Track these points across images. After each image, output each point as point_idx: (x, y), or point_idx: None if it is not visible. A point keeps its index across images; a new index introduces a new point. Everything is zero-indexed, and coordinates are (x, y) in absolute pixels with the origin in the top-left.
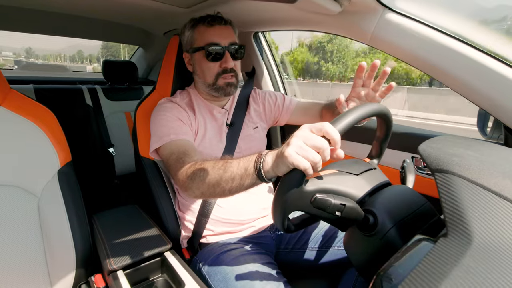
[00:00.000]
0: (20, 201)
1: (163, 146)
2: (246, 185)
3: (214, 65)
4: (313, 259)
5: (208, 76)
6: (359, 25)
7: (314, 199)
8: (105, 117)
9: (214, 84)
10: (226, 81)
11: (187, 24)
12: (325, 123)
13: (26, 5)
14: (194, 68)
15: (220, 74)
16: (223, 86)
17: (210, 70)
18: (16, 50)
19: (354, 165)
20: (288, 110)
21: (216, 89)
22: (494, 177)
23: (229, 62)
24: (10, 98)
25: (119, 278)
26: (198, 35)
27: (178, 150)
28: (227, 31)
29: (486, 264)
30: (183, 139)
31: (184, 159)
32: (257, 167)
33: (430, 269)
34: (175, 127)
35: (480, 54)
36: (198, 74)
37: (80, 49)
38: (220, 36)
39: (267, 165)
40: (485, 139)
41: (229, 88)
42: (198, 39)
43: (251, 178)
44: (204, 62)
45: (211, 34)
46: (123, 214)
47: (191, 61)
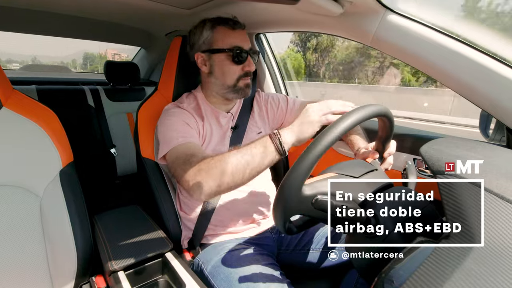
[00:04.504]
0: (22, 201)
1: (170, 151)
2: (266, 164)
3: (237, 67)
4: (314, 260)
5: (229, 78)
6: (360, 26)
7: (315, 201)
8: (107, 117)
9: (235, 86)
10: (246, 82)
11: (205, 23)
12: (328, 100)
13: (28, 6)
14: (212, 69)
15: (242, 77)
16: (243, 88)
17: (233, 72)
18: (23, 57)
19: (354, 167)
20: (293, 112)
21: (236, 90)
22: (496, 179)
23: (252, 66)
24: (12, 99)
25: (120, 279)
26: (219, 36)
27: (186, 153)
28: (246, 36)
29: (488, 266)
30: (191, 142)
31: (191, 159)
32: (276, 142)
33: (432, 271)
34: (182, 130)
35: (482, 55)
36: (216, 76)
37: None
38: (242, 40)
39: (287, 136)
40: (487, 141)
41: (247, 89)
42: (219, 40)
43: (271, 154)
44: (228, 64)
45: (235, 37)
46: (125, 214)
47: (207, 62)
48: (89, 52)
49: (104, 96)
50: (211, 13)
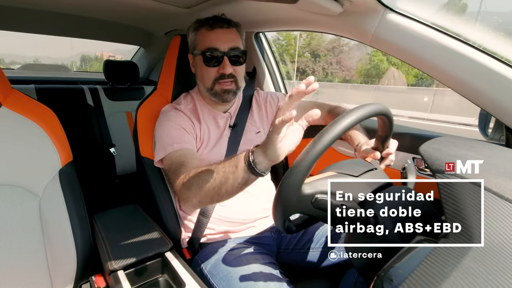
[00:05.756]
0: (21, 200)
1: (166, 157)
2: (239, 183)
3: (212, 70)
4: (313, 259)
5: (206, 80)
6: (360, 25)
7: (314, 200)
8: (106, 117)
9: (211, 89)
10: (223, 87)
11: (191, 25)
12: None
13: (28, 5)
14: (196, 71)
15: (218, 79)
16: (220, 93)
17: (207, 74)
18: (25, 59)
19: (354, 166)
20: None
21: (214, 94)
22: (495, 178)
23: (227, 68)
24: (11, 98)
25: (120, 278)
26: (200, 38)
27: (177, 161)
28: (229, 35)
29: (487, 265)
30: (184, 148)
31: (180, 170)
32: (247, 161)
33: (431, 270)
34: (178, 135)
35: (481, 54)
36: (198, 78)
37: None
38: (219, 40)
39: (258, 156)
40: (486, 140)
41: (226, 95)
42: (200, 42)
43: (243, 174)
44: (202, 67)
45: (211, 38)
46: (124, 214)
47: (193, 64)
48: (86, 54)
49: (103, 95)
50: (209, 12)
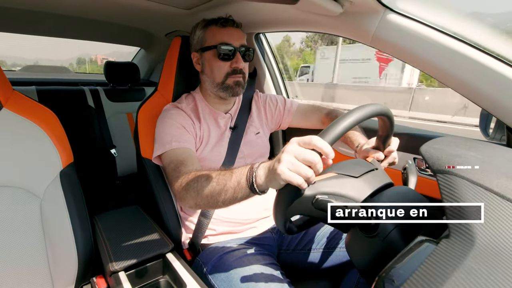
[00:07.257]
0: (22, 202)
1: (164, 154)
2: (239, 198)
3: (224, 64)
4: (314, 260)
5: (217, 75)
6: (360, 26)
7: (315, 200)
8: (107, 118)
9: (223, 83)
10: (236, 79)
11: (198, 24)
12: (313, 137)
13: (29, 7)
14: (203, 67)
15: (230, 74)
16: (232, 85)
17: (220, 69)
18: (26, 61)
19: (354, 166)
20: (290, 113)
21: (225, 88)
22: (496, 178)
23: (240, 63)
24: (13, 100)
25: (121, 279)
26: (209, 34)
27: (177, 159)
28: (238, 34)
29: (488, 265)
30: (183, 147)
31: (180, 168)
32: (250, 181)
33: (432, 270)
34: (177, 134)
35: (482, 54)
36: (206, 73)
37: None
38: (232, 37)
39: (260, 179)
40: (487, 140)
41: (237, 88)
42: (209, 38)
43: (244, 191)
44: (215, 61)
45: (223, 34)
46: (125, 215)
47: (200, 61)
48: (81, 57)
49: (104, 96)
50: (210, 13)
